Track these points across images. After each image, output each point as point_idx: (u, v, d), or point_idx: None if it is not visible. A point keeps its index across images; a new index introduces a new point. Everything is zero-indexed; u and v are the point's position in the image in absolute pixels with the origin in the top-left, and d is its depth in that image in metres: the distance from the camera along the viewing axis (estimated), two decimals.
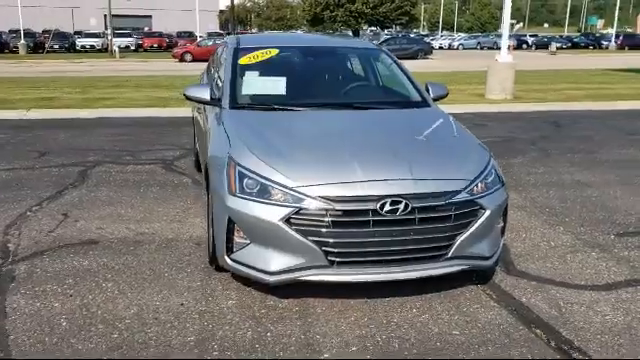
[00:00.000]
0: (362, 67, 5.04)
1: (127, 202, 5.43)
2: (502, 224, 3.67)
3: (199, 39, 39.45)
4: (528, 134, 9.37)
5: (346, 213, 3.17)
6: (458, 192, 3.34)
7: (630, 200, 5.65)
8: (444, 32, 78.86)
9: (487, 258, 3.53)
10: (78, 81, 17.81)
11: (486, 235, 3.49)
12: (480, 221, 3.39)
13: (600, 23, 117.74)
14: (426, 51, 38.90)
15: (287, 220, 3.17)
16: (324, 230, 3.17)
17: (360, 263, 3.24)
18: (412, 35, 58.88)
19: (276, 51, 4.71)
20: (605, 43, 58.02)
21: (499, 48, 16.64)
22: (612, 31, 60.37)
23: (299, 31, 60.84)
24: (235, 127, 3.84)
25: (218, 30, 54.86)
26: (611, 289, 3.72)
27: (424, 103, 4.47)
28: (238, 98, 4.25)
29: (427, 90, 4.65)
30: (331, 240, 3.17)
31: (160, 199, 5.54)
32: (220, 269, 3.78)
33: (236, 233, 3.37)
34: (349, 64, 5.10)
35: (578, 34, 71.29)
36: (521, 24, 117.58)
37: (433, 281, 3.53)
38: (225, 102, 4.22)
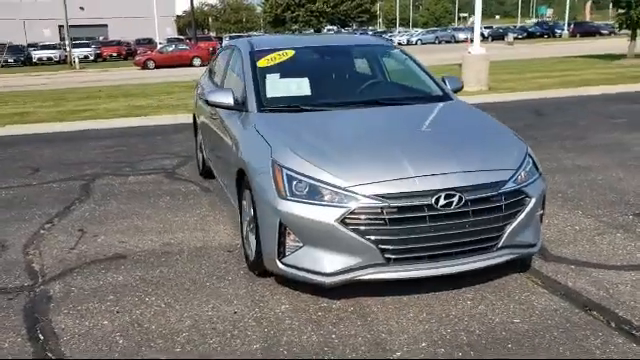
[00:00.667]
0: (379, 63, 5.05)
1: (141, 214, 5.31)
2: (542, 211, 3.73)
3: (159, 45, 38.88)
4: (514, 123, 9.39)
5: (401, 210, 3.17)
6: (506, 182, 3.38)
7: (634, 181, 5.81)
8: (400, 28, 79.57)
9: (533, 245, 3.59)
10: (46, 94, 17.32)
11: (530, 223, 3.54)
12: (527, 210, 3.44)
13: (549, 12, 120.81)
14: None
15: (342, 220, 3.15)
16: (380, 228, 3.16)
17: (416, 259, 3.25)
18: (370, 32, 59.28)
19: (292, 52, 4.67)
20: (558, 32, 59.73)
21: (457, 41, 16.90)
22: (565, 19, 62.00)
23: (256, 33, 60.76)
24: (270, 130, 3.79)
25: (177, 35, 54.16)
26: None
27: (446, 96, 4.51)
28: (264, 101, 4.20)
29: (444, 83, 4.70)
30: (388, 237, 3.16)
31: (174, 209, 5.43)
32: (263, 274, 3.75)
33: (288, 236, 3.33)
34: (365, 61, 5.09)
35: (532, 24, 72.92)
36: (472, 18, 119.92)
37: (477, 272, 3.54)
38: (252, 106, 4.17)
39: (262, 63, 4.54)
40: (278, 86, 4.38)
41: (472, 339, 3.02)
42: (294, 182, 3.31)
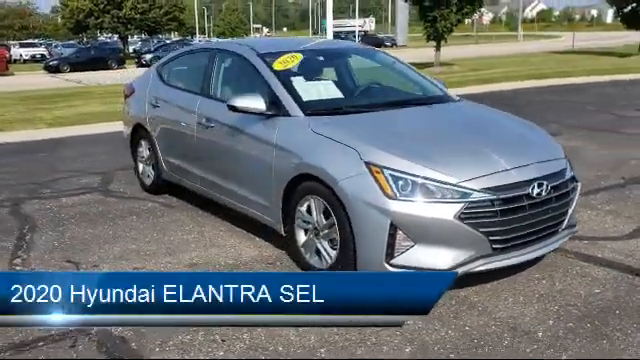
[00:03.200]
0: (377, 66, 5.12)
1: (124, 236, 4.72)
2: None
3: None
4: None
5: (506, 201, 3.36)
6: (566, 169, 3.79)
7: None
8: (201, 37, 79.03)
9: (575, 225, 4.04)
10: None
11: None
12: (577, 193, 3.88)
13: None
14: None
15: (459, 216, 3.25)
16: (491, 220, 3.32)
17: (516, 246, 3.46)
18: (170, 40, 57.79)
19: (300, 56, 4.55)
20: None
21: None
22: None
23: (48, 40, 55.32)
24: (339, 133, 3.68)
25: None
26: None
27: (449, 96, 4.77)
28: (304, 105, 4.05)
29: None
30: (497, 228, 3.34)
31: (155, 228, 4.91)
32: None
33: (398, 237, 3.31)
34: (367, 64, 5.13)
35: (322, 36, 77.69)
36: (267, 29, 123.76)
37: None
38: (293, 110, 3.99)
39: (278, 66, 4.35)
40: (308, 89, 4.25)
41: (584, 311, 3.33)
42: (400, 182, 3.31)
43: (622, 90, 14.68)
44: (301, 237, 3.89)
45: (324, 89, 4.34)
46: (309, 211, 3.78)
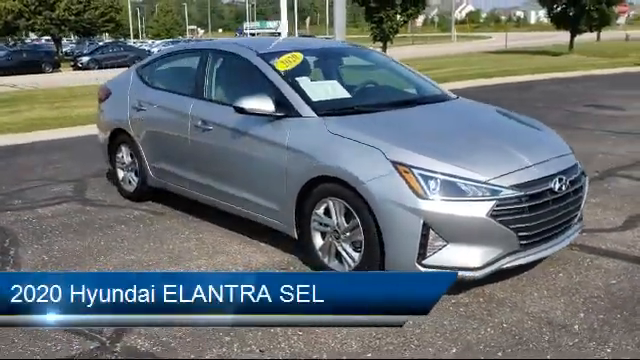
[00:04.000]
0: (374, 65, 5.08)
1: (118, 247, 4.47)
2: None
3: None
4: None
5: (532, 197, 3.39)
6: (577, 164, 3.87)
7: None
8: (135, 39, 77.09)
9: (582, 218, 4.13)
10: None
11: None
12: (586, 187, 3.96)
13: (274, 26, 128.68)
14: (143, 58, 37.55)
15: (491, 214, 3.25)
16: (520, 216, 3.33)
17: (540, 241, 3.50)
18: (103, 43, 55.93)
19: (301, 55, 4.44)
20: None
21: None
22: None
23: None
24: (359, 133, 3.59)
25: None
26: (635, 224, 4.68)
27: (447, 94, 4.78)
28: (315, 105, 3.95)
29: None
30: (525, 224, 3.35)
31: (148, 237, 4.68)
32: None
33: (430, 237, 3.27)
34: (364, 63, 5.07)
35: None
36: (202, 31, 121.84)
37: None
38: (305, 111, 3.88)
39: (281, 67, 4.23)
40: (315, 89, 4.15)
41: (609, 302, 3.40)
42: (429, 181, 3.28)
43: (565, 88, 15.28)
44: (318, 241, 3.79)
45: (331, 89, 4.26)
46: (327, 213, 3.69)
